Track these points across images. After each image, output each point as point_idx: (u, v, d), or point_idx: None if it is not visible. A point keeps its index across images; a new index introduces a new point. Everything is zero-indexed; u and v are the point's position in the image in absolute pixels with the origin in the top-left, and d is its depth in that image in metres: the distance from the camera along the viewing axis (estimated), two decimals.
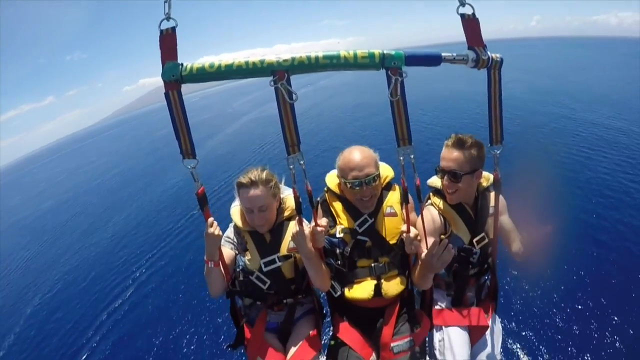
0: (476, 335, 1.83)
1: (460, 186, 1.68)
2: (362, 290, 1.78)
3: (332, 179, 1.85)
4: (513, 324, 4.71)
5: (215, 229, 1.56)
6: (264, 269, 1.77)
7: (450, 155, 1.68)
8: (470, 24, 1.42)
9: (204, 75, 1.36)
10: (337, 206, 1.80)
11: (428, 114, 15.05)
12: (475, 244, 1.76)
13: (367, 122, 16.14)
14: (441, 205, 1.79)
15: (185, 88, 1.42)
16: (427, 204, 1.86)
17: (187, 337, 5.55)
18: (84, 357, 5.56)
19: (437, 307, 1.90)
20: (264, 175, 1.72)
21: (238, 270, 1.80)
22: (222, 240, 1.71)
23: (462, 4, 1.39)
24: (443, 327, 1.82)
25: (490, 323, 1.84)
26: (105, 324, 6.30)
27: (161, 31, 1.35)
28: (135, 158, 24.13)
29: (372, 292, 1.77)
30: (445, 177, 1.70)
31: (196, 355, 5.15)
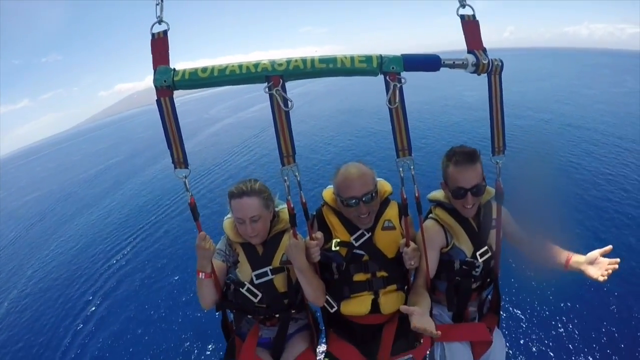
0: (479, 351, 1.72)
1: (481, 197, 1.63)
2: (358, 305, 1.70)
3: (328, 194, 1.78)
4: (517, 339, 4.45)
5: (207, 243, 1.54)
6: (255, 282, 1.71)
7: (466, 172, 1.59)
8: (470, 25, 1.40)
9: (196, 81, 1.32)
10: (333, 219, 1.73)
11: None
12: (478, 256, 1.70)
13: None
14: (445, 218, 1.73)
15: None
16: (428, 217, 1.80)
17: (176, 344, 5.32)
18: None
19: (437, 323, 1.78)
20: (256, 185, 1.67)
21: (228, 282, 1.75)
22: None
23: (462, 5, 1.38)
24: (444, 343, 1.70)
25: (493, 338, 1.74)
26: (86, 319, 6.12)
27: (153, 35, 1.32)
28: (117, 156, 23.55)
29: (370, 307, 1.70)
30: (469, 195, 1.60)
31: None
